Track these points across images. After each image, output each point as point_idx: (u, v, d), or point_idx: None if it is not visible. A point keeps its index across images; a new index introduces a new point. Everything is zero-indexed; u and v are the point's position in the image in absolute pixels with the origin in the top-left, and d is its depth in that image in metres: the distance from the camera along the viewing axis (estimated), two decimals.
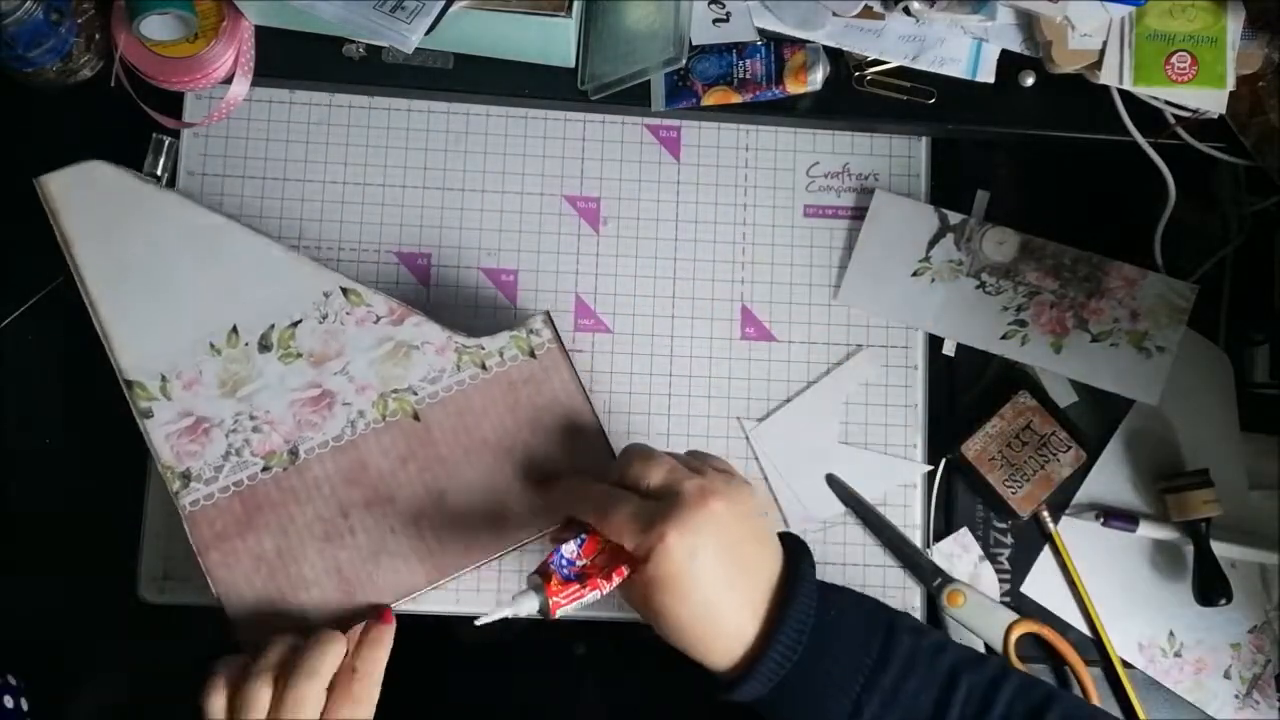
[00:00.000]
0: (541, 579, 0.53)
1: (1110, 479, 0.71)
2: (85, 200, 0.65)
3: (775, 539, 0.57)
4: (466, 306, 0.70)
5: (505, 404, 0.65)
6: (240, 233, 0.66)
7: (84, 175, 0.65)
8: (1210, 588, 0.67)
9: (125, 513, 0.67)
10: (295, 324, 0.65)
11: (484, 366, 0.65)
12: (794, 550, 0.57)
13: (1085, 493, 0.71)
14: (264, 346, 0.65)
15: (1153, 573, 0.70)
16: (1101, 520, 0.69)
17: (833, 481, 0.70)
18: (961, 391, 0.72)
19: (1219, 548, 0.68)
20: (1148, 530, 0.69)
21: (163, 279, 0.65)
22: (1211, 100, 0.70)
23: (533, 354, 0.65)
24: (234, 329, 0.65)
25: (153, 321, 0.64)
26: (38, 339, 0.69)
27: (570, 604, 0.53)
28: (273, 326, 0.65)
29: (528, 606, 0.53)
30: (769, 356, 0.71)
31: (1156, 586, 0.70)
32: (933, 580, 0.69)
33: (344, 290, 0.65)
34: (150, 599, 0.66)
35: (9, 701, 0.62)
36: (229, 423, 0.64)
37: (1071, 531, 0.70)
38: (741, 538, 0.54)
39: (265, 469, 0.64)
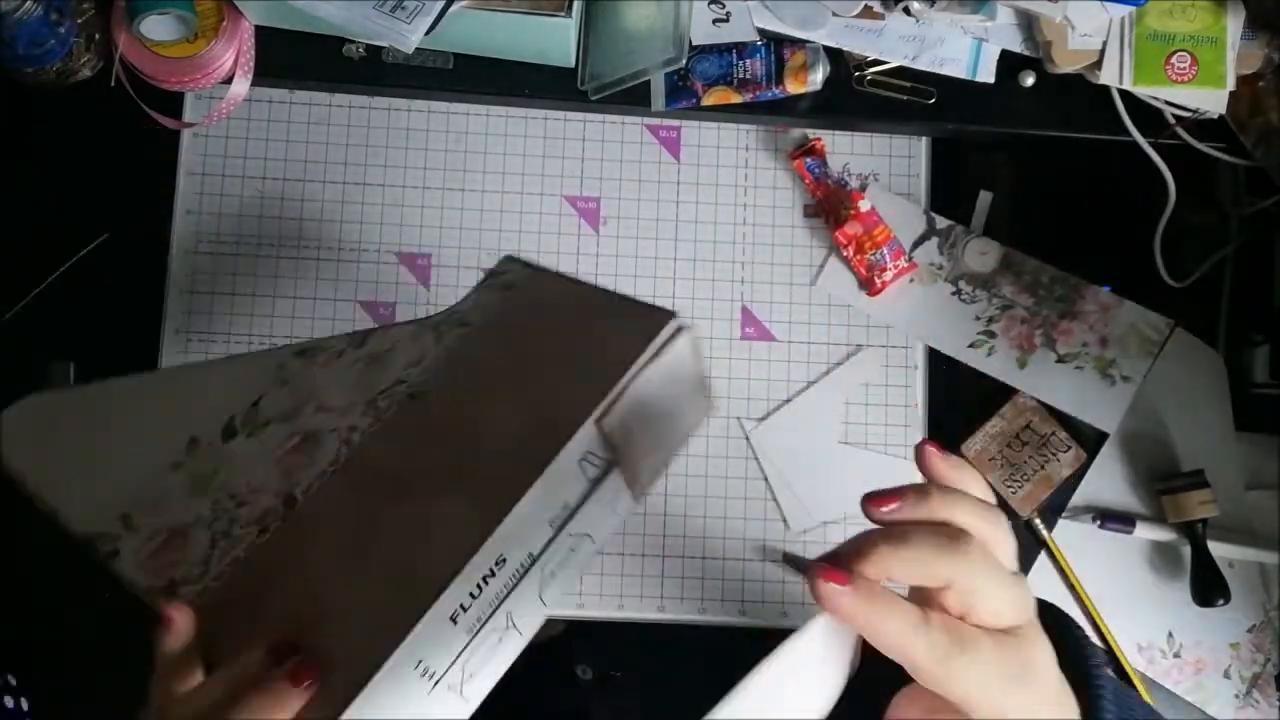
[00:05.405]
0: None
1: (1106, 481, 0.71)
2: (24, 438, 0.56)
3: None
4: None
5: (501, 340, 0.55)
6: (179, 373, 0.61)
7: (16, 419, 0.56)
8: (1208, 588, 0.67)
9: None
10: (255, 404, 0.57)
11: (465, 324, 0.56)
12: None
13: (1082, 495, 0.71)
14: (228, 435, 0.56)
15: (1151, 574, 0.70)
16: (1098, 523, 0.69)
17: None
18: (962, 391, 0.72)
19: (1217, 548, 0.68)
20: (1145, 532, 0.69)
21: (104, 447, 0.56)
22: (1211, 100, 0.70)
23: (509, 287, 0.57)
24: (191, 440, 0.56)
25: (101, 478, 0.55)
26: (38, 337, 0.69)
27: None
28: (233, 418, 0.56)
29: None
30: (769, 356, 0.71)
31: (1154, 588, 0.70)
32: None
33: (298, 353, 0.58)
34: None
35: (9, 701, 0.62)
36: (208, 516, 0.54)
37: (1068, 534, 0.70)
38: None
39: (262, 532, 0.53)
